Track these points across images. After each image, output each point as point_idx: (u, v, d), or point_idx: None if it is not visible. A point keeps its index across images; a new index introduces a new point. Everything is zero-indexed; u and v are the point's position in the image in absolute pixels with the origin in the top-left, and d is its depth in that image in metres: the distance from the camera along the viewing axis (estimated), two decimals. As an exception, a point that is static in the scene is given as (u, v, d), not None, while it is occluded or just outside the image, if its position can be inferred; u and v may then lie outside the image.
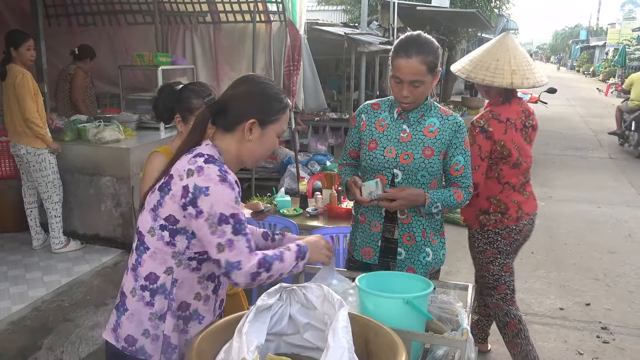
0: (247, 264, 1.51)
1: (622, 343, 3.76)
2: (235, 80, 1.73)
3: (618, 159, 10.35)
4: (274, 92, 1.68)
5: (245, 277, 1.52)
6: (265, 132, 1.65)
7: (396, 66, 2.16)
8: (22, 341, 3.23)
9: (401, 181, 2.25)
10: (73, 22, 6.77)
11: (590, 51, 47.05)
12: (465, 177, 2.30)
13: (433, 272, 2.39)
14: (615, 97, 23.47)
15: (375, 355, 1.58)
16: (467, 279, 4.40)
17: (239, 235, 1.51)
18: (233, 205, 1.50)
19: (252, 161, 1.71)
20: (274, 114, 1.66)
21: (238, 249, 1.50)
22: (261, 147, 1.67)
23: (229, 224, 1.49)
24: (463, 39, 19.56)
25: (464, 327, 1.76)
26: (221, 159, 1.60)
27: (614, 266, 5.14)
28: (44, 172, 4.33)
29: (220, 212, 1.48)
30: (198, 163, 1.52)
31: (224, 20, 6.22)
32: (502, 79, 2.82)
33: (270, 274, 1.57)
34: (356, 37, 8.24)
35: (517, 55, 2.90)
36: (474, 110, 16.77)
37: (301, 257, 1.69)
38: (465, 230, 3.38)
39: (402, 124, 2.28)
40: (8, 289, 3.89)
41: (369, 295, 1.79)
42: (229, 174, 1.53)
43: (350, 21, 14.13)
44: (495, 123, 2.89)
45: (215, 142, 1.64)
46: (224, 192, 1.49)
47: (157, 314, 1.57)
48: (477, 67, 2.91)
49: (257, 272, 1.53)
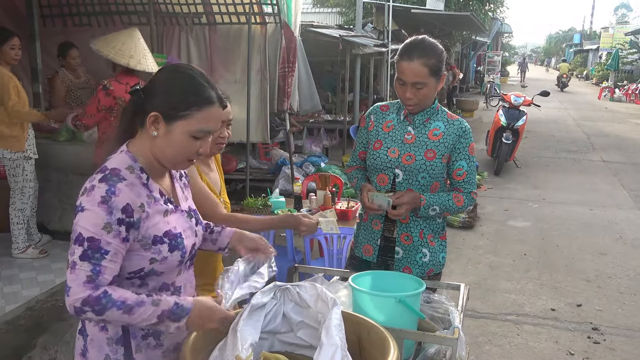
0: (74, 294, 1.34)
1: (612, 343, 3.80)
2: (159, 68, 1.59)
3: (610, 162, 10.44)
4: (190, 84, 1.45)
5: (70, 307, 1.36)
6: (171, 128, 1.44)
7: (400, 69, 2.22)
8: (16, 340, 3.23)
9: (402, 181, 2.29)
10: (68, 22, 6.74)
11: (583, 55, 47.36)
12: (467, 183, 2.32)
13: (431, 274, 2.40)
14: (609, 101, 23.69)
15: (367, 352, 1.61)
16: (460, 280, 4.42)
17: (86, 262, 1.35)
18: (96, 231, 1.36)
19: (167, 162, 1.51)
20: (182, 109, 1.43)
21: (76, 274, 1.35)
22: (170, 146, 1.46)
23: (81, 247, 1.35)
24: (457, 41, 19.67)
25: (455, 326, 1.79)
26: (135, 166, 1.46)
27: (605, 268, 5.19)
28: (16, 177, 4.26)
29: (79, 232, 1.36)
30: (93, 181, 1.40)
31: (220, 22, 6.22)
32: (122, 59, 3.98)
33: (102, 318, 1.37)
34: (351, 39, 8.28)
35: (139, 46, 4.12)
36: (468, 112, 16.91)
37: (173, 319, 1.42)
38: (459, 232, 3.41)
39: (408, 126, 2.33)
40: (2, 288, 3.88)
41: (362, 294, 1.81)
42: (116, 196, 1.37)
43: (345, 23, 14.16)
44: (116, 84, 4.03)
45: (134, 143, 1.51)
46: (94, 215, 1.36)
47: (113, 339, 1.50)
48: (106, 44, 4.04)
49: (81, 308, 1.35)
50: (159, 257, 1.48)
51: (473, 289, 2.90)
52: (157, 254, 1.48)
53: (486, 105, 18.82)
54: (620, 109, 20.69)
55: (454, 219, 6.25)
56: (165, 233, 1.49)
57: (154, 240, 1.47)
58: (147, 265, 1.47)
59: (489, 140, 9.83)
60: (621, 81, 27.42)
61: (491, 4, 19.65)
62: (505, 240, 5.95)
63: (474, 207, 6.64)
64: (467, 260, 5.31)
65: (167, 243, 1.49)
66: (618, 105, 22.00)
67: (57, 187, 4.74)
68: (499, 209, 7.09)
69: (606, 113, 19.11)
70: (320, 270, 2.31)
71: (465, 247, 5.64)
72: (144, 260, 1.47)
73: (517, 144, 9.36)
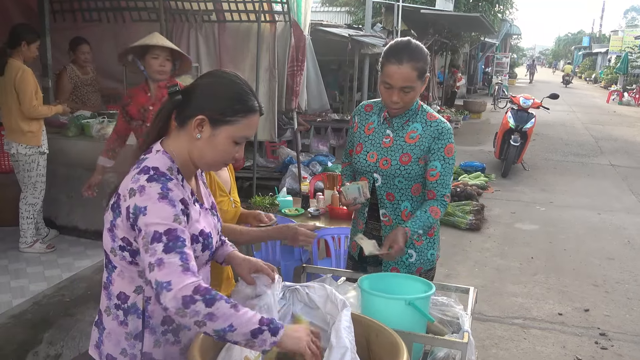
0: (177, 285, 1.30)
1: (620, 349, 3.77)
2: (205, 72, 1.61)
3: (619, 166, 10.37)
4: (238, 91, 1.51)
5: (175, 300, 1.29)
6: (217, 132, 1.47)
7: (387, 72, 2.17)
8: (23, 335, 3.23)
9: (381, 185, 2.31)
10: (78, 17, 6.77)
11: (592, 58, 47.09)
12: (440, 185, 2.27)
13: (421, 272, 2.38)
14: (617, 104, 23.55)
15: (376, 355, 1.60)
16: (467, 282, 4.41)
17: (171, 253, 1.34)
18: (169, 222, 1.37)
19: (204, 165, 1.55)
20: (230, 115, 1.47)
21: (168, 267, 1.32)
22: (212, 150, 1.49)
23: (161, 242, 1.35)
24: (466, 42, 19.59)
25: (465, 330, 1.78)
26: (173, 167, 1.48)
27: (613, 273, 5.15)
28: (30, 172, 4.28)
29: (154, 230, 1.36)
30: (140, 182, 1.41)
31: (229, 20, 6.22)
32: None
33: (211, 311, 1.30)
34: (360, 38, 8.25)
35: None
36: (476, 114, 16.85)
37: (271, 329, 1.35)
38: (466, 234, 3.39)
39: (387, 129, 2.32)
40: (9, 282, 3.90)
41: (371, 296, 1.80)
42: (172, 191, 1.40)
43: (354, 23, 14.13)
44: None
45: (169, 143, 1.53)
46: (161, 209, 1.37)
47: (132, 334, 1.51)
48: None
49: (192, 297, 1.30)
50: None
51: (480, 291, 2.86)
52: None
53: (494, 107, 18.76)
54: (629, 112, 20.56)
55: (460, 220, 6.23)
56: (200, 232, 1.52)
57: (192, 239, 1.48)
58: None
59: (496, 142, 9.78)
60: (630, 85, 27.25)
61: (501, 5, 19.55)
62: (513, 243, 5.92)
63: (480, 209, 6.62)
64: (473, 262, 5.28)
65: (201, 242, 1.52)
66: (627, 109, 21.86)
67: (65, 182, 4.74)
68: (506, 212, 7.06)
69: (615, 117, 18.99)
70: (328, 271, 2.31)
71: (472, 249, 5.62)
72: None
73: (525, 147, 9.31)
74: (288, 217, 4.00)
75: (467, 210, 6.44)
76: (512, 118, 9.28)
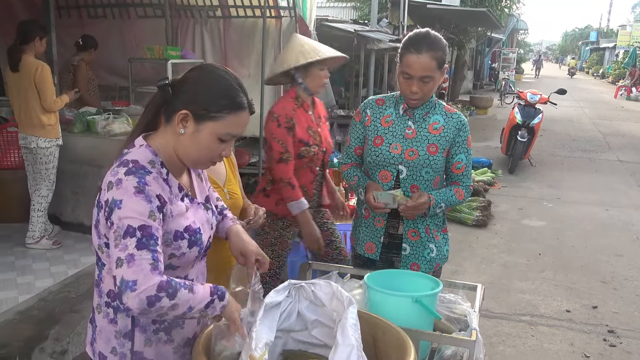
0: (143, 285, 1.28)
1: (629, 347, 3.73)
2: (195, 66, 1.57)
3: (627, 162, 10.28)
4: (225, 87, 1.46)
5: (139, 300, 1.27)
6: (200, 128, 1.43)
7: (406, 62, 2.17)
8: (29, 331, 3.24)
9: (406, 177, 2.27)
10: (83, 14, 6.77)
11: (600, 53, 46.74)
12: (465, 176, 2.34)
13: (437, 268, 2.40)
14: (625, 100, 23.37)
15: (383, 353, 1.58)
16: (474, 279, 4.39)
17: (144, 250, 1.31)
18: (145, 219, 1.33)
19: (189, 162, 1.51)
20: (214, 110, 1.43)
21: (138, 265, 1.29)
22: (196, 146, 1.45)
23: (134, 237, 1.31)
24: (472, 38, 19.49)
25: (473, 328, 1.75)
26: (156, 160, 1.45)
27: (621, 269, 5.11)
28: (47, 165, 4.35)
29: (128, 224, 1.32)
30: (118, 175, 1.38)
31: (234, 15, 6.21)
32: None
33: (175, 302, 1.32)
34: (366, 34, 8.21)
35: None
36: (482, 109, 16.76)
37: (219, 295, 1.43)
38: (472, 230, 3.36)
39: (408, 121, 2.30)
40: (15, 278, 3.90)
41: (378, 293, 1.78)
42: (149, 185, 1.37)
43: (360, 18, 14.07)
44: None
45: (154, 137, 1.50)
46: (136, 204, 1.34)
47: (122, 332, 1.49)
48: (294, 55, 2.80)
49: (157, 295, 1.29)
50: (177, 253, 1.47)
51: (487, 288, 2.82)
52: (176, 250, 1.47)
53: (500, 102, 18.64)
54: (637, 108, 20.39)
55: (467, 217, 6.19)
56: (185, 228, 1.48)
57: (175, 236, 1.45)
58: (165, 260, 1.45)
59: (503, 138, 9.72)
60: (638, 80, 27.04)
61: (507, 1, 19.43)
62: (520, 239, 5.88)
63: (487, 205, 6.58)
64: (480, 259, 5.25)
65: (187, 239, 1.48)
66: (635, 105, 21.68)
67: (71, 179, 4.74)
68: (513, 208, 7.02)
69: (622, 112, 18.85)
70: (334, 268, 2.28)
71: (478, 245, 5.58)
72: (164, 256, 1.44)
73: (532, 142, 9.24)
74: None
75: (473, 207, 6.40)
76: (519, 114, 9.22)
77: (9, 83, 4.34)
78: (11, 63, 4.22)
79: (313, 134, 2.83)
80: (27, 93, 4.20)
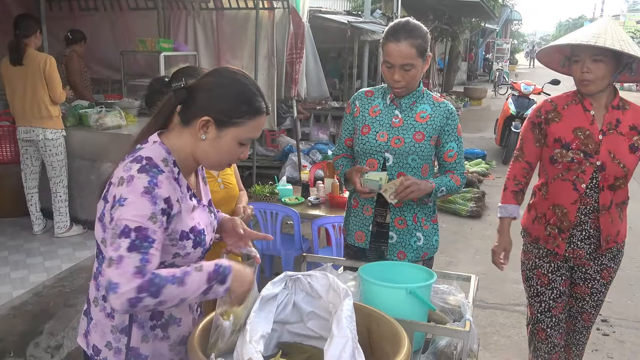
0: (123, 288, 1.27)
1: (622, 336, 3.77)
2: (211, 69, 1.56)
3: (620, 152, 10.31)
4: (245, 92, 1.46)
5: (121, 303, 1.27)
6: (222, 134, 1.44)
7: (387, 51, 2.20)
8: (23, 326, 3.23)
9: (392, 165, 2.29)
10: (74, 6, 6.70)
11: (593, 43, 46.82)
12: (459, 164, 2.36)
13: (425, 258, 2.40)
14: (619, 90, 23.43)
15: (377, 345, 1.58)
16: (468, 270, 4.40)
17: (134, 252, 1.30)
18: (143, 220, 1.33)
19: (208, 165, 1.54)
20: (236, 117, 1.44)
21: (124, 267, 1.28)
22: (217, 150, 1.47)
23: (128, 238, 1.31)
24: (466, 28, 19.45)
25: (466, 318, 1.76)
26: (169, 159, 1.45)
27: (614, 259, 5.13)
28: (59, 155, 4.41)
29: (125, 224, 1.32)
30: (131, 171, 1.37)
31: (227, 7, 6.16)
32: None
33: (160, 299, 1.30)
34: (359, 25, 8.18)
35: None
36: (476, 100, 16.78)
37: (220, 279, 1.40)
38: (467, 221, 3.36)
39: (394, 110, 2.32)
40: (9, 273, 3.89)
41: (372, 285, 1.79)
42: (159, 187, 1.36)
43: (354, 9, 14.01)
44: None
45: (169, 136, 1.49)
46: (140, 204, 1.33)
47: (118, 327, 1.49)
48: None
49: (137, 297, 1.27)
50: (182, 253, 1.48)
51: (481, 279, 2.83)
52: (181, 250, 1.47)
53: (495, 93, 18.69)
54: (630, 97, 20.22)
55: (461, 208, 6.21)
56: (191, 229, 1.48)
57: (181, 236, 1.46)
58: (169, 259, 1.46)
59: (497, 129, 9.74)
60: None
61: (501, -9, 19.41)
62: (513, 230, 5.88)
63: (482, 196, 6.60)
64: (475, 250, 5.27)
65: (192, 239, 1.48)
66: (628, 95, 21.62)
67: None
68: (507, 199, 7.02)
69: (616, 102, 18.87)
70: (329, 260, 2.29)
71: (473, 236, 5.60)
72: (167, 255, 1.45)
73: (526, 133, 9.26)
74: (288, 205, 3.98)
75: (468, 198, 6.41)
76: (513, 104, 9.23)
77: (8, 77, 4.30)
78: (14, 57, 4.21)
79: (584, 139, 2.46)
80: (36, 86, 4.22)
